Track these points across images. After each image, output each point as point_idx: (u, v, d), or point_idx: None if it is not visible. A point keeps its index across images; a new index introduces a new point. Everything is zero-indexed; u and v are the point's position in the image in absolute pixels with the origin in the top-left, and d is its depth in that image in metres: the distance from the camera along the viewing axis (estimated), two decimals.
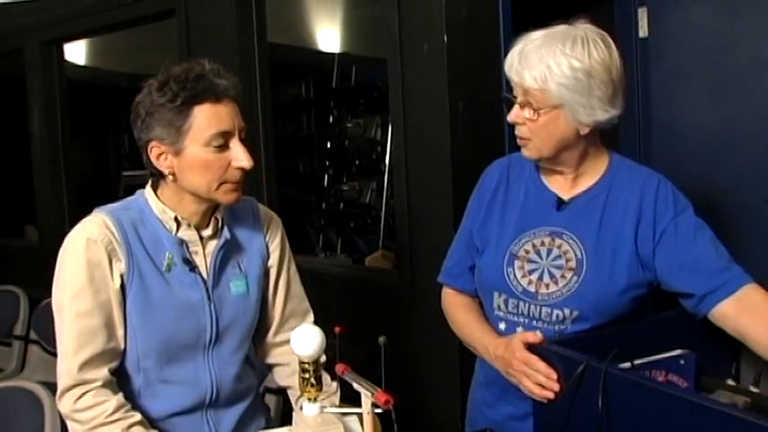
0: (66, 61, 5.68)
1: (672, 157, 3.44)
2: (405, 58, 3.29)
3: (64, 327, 1.93)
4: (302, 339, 1.69)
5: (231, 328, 2.07)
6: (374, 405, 1.56)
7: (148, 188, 2.05)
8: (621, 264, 2.02)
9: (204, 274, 2.03)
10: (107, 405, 1.90)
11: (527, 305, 2.07)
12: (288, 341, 1.86)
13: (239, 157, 1.92)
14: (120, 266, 1.93)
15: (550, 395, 1.84)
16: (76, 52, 6.36)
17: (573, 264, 2.04)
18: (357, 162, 5.35)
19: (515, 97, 2.01)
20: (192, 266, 2.01)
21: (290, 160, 5.54)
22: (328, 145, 5.53)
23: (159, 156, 1.94)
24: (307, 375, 1.70)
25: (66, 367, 1.92)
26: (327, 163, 5.52)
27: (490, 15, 3.20)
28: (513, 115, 2.01)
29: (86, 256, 1.91)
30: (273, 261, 2.18)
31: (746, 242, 3.09)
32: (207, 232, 2.05)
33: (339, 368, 1.61)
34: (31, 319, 5.12)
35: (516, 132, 2.05)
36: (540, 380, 1.85)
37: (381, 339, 1.63)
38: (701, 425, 1.44)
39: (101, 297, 1.92)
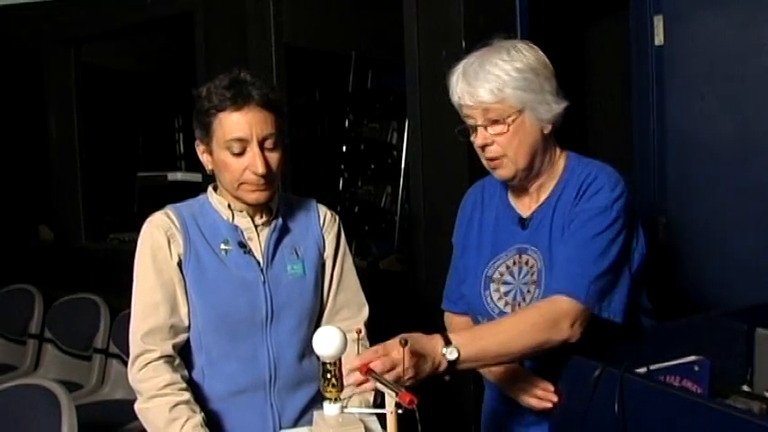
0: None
1: (687, 164, 3.46)
2: (423, 63, 3.31)
3: (133, 302, 2.16)
4: (323, 340, 1.70)
5: (287, 307, 2.20)
6: (397, 405, 1.58)
7: (210, 188, 2.26)
8: None
9: (258, 257, 2.19)
10: (160, 379, 2.05)
11: None
12: None
13: (252, 163, 2.07)
14: (179, 248, 2.15)
15: (548, 405, 1.95)
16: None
17: (535, 276, 2.05)
18: (373, 166, 5.37)
19: (472, 125, 2.03)
20: (247, 249, 2.17)
21: (306, 163, 5.56)
22: (344, 148, 5.55)
23: (203, 153, 2.17)
24: (328, 375, 1.72)
25: (133, 337, 2.12)
26: (343, 166, 5.54)
27: (508, 22, 3.23)
28: (482, 138, 2.02)
29: (150, 241, 2.15)
30: (329, 252, 2.31)
31: (761, 248, 3.11)
32: (260, 220, 2.22)
33: (362, 368, 1.63)
34: (46, 318, 5.15)
35: (486, 156, 2.05)
36: (536, 394, 1.97)
37: (402, 341, 1.64)
38: (718, 430, 1.46)
39: (163, 276, 2.13)
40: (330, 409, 1.75)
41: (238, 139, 2.05)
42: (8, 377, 4.58)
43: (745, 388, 1.96)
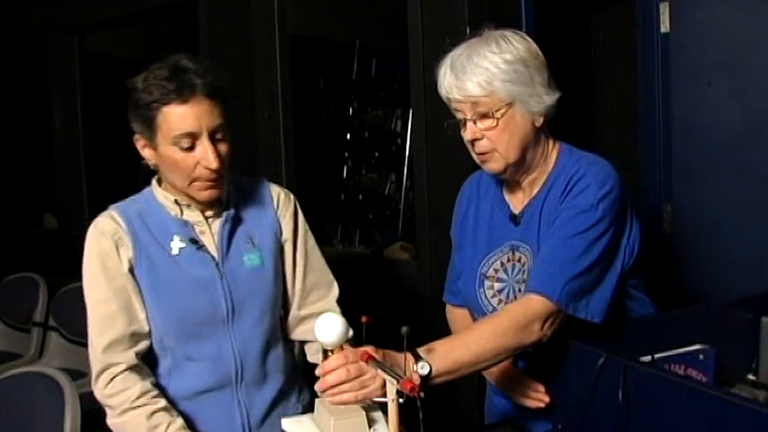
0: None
1: (692, 152, 3.45)
2: (426, 51, 3.29)
3: (88, 315, 2.05)
4: (325, 327, 1.70)
5: (249, 301, 2.11)
6: (399, 393, 1.57)
7: (154, 181, 2.14)
8: None
9: (213, 252, 2.09)
10: (131, 391, 1.98)
11: None
12: (313, 315, 2.06)
13: (204, 157, 1.96)
14: (128, 252, 2.03)
15: (541, 404, 1.99)
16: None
17: (526, 275, 2.02)
18: (377, 154, 5.36)
19: (462, 119, 1.98)
20: (200, 245, 2.07)
21: (310, 151, 5.57)
22: (348, 136, 5.55)
23: (143, 147, 2.04)
24: None
25: (93, 352, 2.02)
26: (347, 154, 5.53)
27: (513, 11, 3.20)
28: (471, 132, 1.96)
29: (97, 248, 2.03)
30: (287, 235, 2.21)
31: (766, 236, 3.10)
32: (210, 212, 2.11)
33: (363, 356, 1.62)
34: (50, 306, 5.15)
35: (476, 150, 2.00)
36: (529, 395, 2.01)
37: (404, 329, 1.63)
38: (723, 419, 1.45)
39: (115, 284, 2.02)
40: None
41: (187, 134, 1.93)
42: (12, 365, 4.56)
43: (751, 377, 1.95)
